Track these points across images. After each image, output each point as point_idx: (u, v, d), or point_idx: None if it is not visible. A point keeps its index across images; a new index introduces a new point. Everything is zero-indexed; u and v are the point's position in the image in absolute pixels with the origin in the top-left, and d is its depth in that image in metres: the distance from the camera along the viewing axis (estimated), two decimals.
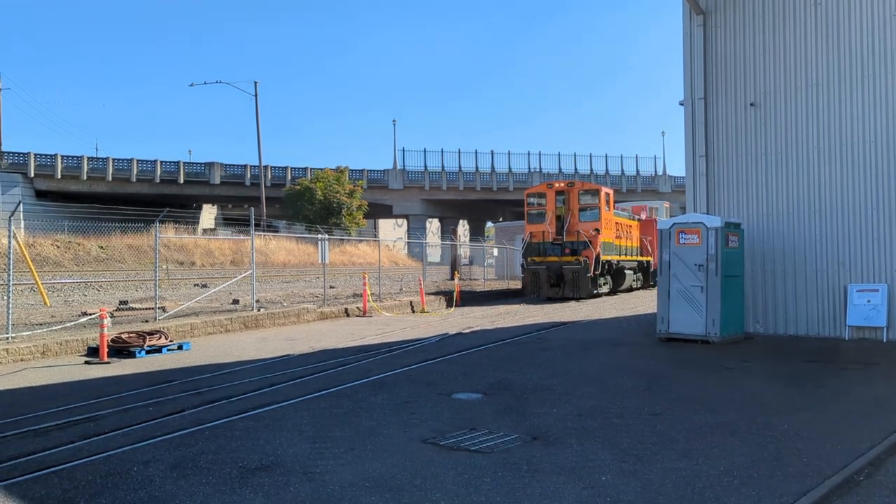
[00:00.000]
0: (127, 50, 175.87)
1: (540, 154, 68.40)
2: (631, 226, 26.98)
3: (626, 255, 25.75)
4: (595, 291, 22.90)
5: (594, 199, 23.21)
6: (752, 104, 13.29)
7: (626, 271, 25.79)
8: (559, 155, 68.70)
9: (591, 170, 68.71)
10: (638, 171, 69.92)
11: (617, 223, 24.83)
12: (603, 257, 22.69)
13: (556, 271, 22.54)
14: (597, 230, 22.51)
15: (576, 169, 67.85)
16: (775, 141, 13.09)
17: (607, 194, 23.73)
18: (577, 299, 22.20)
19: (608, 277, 24.15)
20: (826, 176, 12.56)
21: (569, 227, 22.92)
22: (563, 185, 24.06)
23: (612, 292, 24.90)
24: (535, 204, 24.33)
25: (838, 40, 12.47)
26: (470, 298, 23.15)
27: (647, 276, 28.78)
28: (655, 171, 70.37)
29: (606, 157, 70.44)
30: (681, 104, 14.27)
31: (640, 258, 27.75)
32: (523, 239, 24.63)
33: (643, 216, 29.91)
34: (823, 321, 12.49)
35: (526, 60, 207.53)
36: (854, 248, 12.24)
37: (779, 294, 12.97)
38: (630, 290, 26.78)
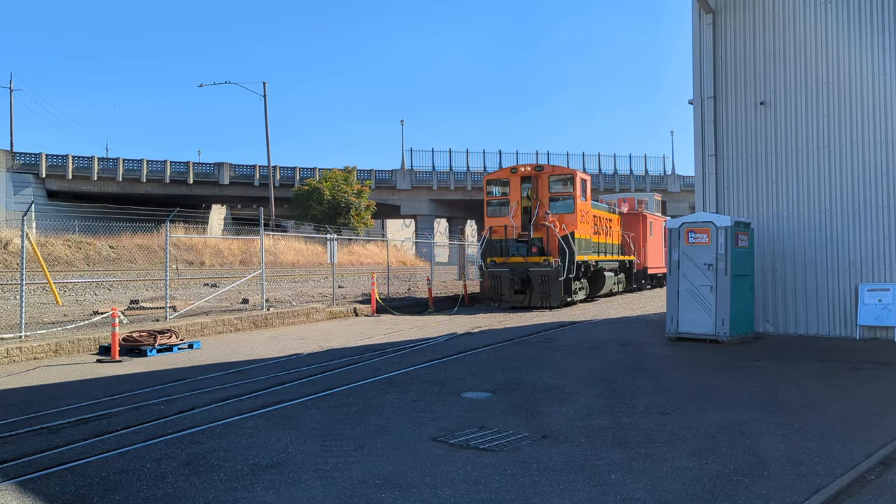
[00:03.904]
0: (137, 52, 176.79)
1: (548, 154, 68.17)
2: (611, 220, 23.56)
3: (605, 253, 22.29)
4: (569, 298, 19.43)
5: (567, 187, 19.59)
6: (761, 103, 13.26)
7: (606, 273, 22.23)
8: (567, 154, 68.42)
9: (600, 169, 68.51)
10: (647, 170, 69.64)
11: (595, 216, 21.47)
12: (578, 257, 19.19)
13: (522, 275, 19.06)
14: (571, 224, 19.19)
15: (584, 167, 67.66)
16: (785, 140, 13.04)
17: (583, 181, 20.06)
18: (549, 308, 19.00)
19: (584, 281, 20.64)
20: (836, 175, 12.51)
21: (537, 220, 19.39)
22: (529, 169, 20.10)
23: (590, 298, 21.79)
24: (496, 193, 20.55)
25: (848, 38, 12.41)
26: (478, 298, 23.16)
27: (630, 278, 25.78)
28: (664, 171, 70.09)
29: (615, 156, 70.29)
30: (690, 103, 14.25)
31: (621, 257, 24.36)
32: (482, 235, 20.84)
33: (625, 209, 26.85)
34: (834, 321, 12.44)
35: (534, 61, 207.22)
36: (865, 247, 12.19)
37: (789, 293, 12.93)
38: (610, 294, 23.57)
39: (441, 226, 72.20)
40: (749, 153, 13.43)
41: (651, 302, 21.54)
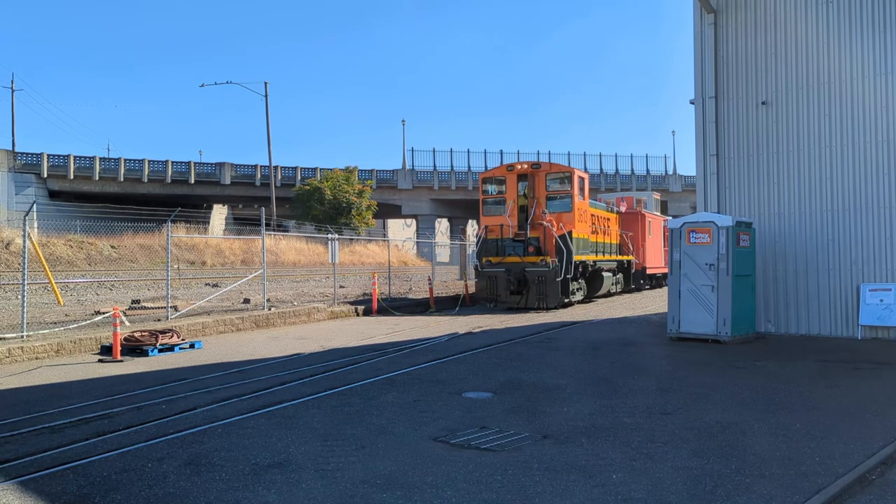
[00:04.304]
0: (139, 54, 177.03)
1: (550, 154, 68.06)
2: (609, 219, 23.02)
3: (603, 253, 21.78)
4: (566, 299, 18.98)
5: (565, 185, 19.24)
6: (763, 103, 13.25)
7: (604, 273, 21.76)
8: (569, 154, 68.42)
9: (602, 169, 68.56)
10: (648, 170, 69.70)
11: (593, 215, 21.00)
12: (576, 257, 18.73)
13: (518, 275, 18.58)
14: (569, 223, 18.69)
15: (586, 167, 67.64)
16: (787, 140, 13.03)
17: (581, 178, 19.58)
18: (546, 309, 18.55)
19: (582, 282, 20.16)
20: (838, 175, 12.50)
21: (533, 219, 18.90)
22: (526, 166, 19.60)
23: (587, 299, 21.24)
24: (492, 191, 20.13)
25: (850, 38, 12.41)
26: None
27: (628, 278, 25.15)
28: (666, 171, 70.13)
29: (616, 156, 70.35)
30: (691, 103, 14.24)
31: (619, 257, 23.85)
32: (477, 234, 20.31)
33: (623, 208, 26.39)
34: (835, 321, 12.43)
35: (536, 61, 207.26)
36: (867, 247, 12.18)
37: (790, 293, 12.92)
38: (608, 295, 23.07)
39: (442, 226, 72.21)
40: (750, 153, 13.42)
41: (652, 302, 21.53)
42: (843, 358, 10.12)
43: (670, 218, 14.69)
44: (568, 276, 18.57)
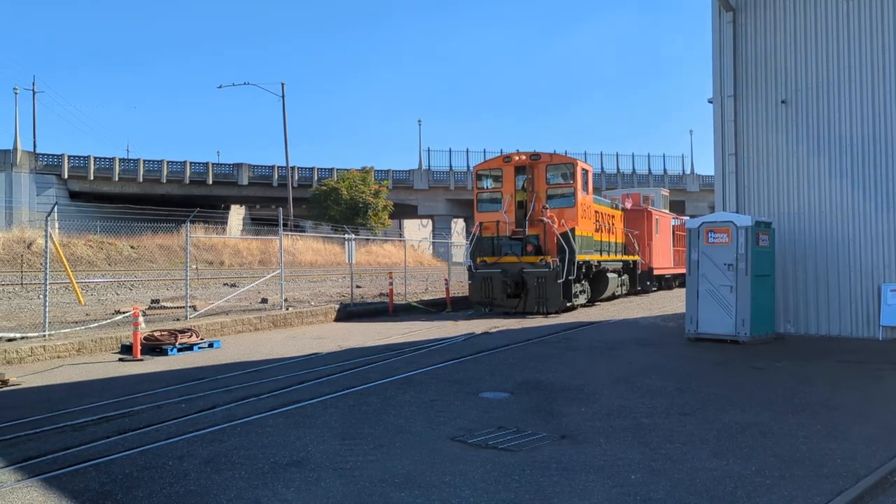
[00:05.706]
0: (156, 55, 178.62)
1: (566, 153, 67.78)
2: (613, 216, 21.49)
3: (607, 252, 20.37)
4: (568, 303, 17.42)
5: (567, 179, 17.78)
6: (782, 101, 13.12)
7: (609, 274, 20.15)
8: (585, 154, 67.94)
9: (618, 168, 68.28)
10: (665, 170, 69.30)
11: (597, 212, 19.52)
12: (579, 257, 17.26)
13: (516, 277, 17.10)
14: (571, 220, 17.28)
15: (602, 167, 67.38)
16: (807, 139, 12.90)
17: (584, 171, 18.05)
18: (545, 313, 17.08)
19: (585, 283, 18.65)
20: (859, 174, 12.35)
21: (533, 215, 17.43)
22: (525, 158, 17.90)
23: (591, 302, 19.80)
24: (488, 185, 18.80)
25: (871, 36, 12.25)
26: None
27: (634, 280, 23.56)
28: (683, 170, 69.72)
29: (633, 155, 70.13)
30: (710, 102, 14.14)
31: (624, 257, 22.39)
32: (472, 232, 18.89)
33: (628, 205, 24.89)
34: (856, 321, 12.28)
35: (551, 62, 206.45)
36: (888, 247, 12.02)
37: (810, 294, 12.78)
38: (613, 297, 21.76)
39: (458, 226, 72.15)
40: (770, 152, 13.29)
41: (668, 303, 21.37)
42: (863, 359, 10.00)
43: (688, 218, 14.57)
44: (570, 278, 17.07)
